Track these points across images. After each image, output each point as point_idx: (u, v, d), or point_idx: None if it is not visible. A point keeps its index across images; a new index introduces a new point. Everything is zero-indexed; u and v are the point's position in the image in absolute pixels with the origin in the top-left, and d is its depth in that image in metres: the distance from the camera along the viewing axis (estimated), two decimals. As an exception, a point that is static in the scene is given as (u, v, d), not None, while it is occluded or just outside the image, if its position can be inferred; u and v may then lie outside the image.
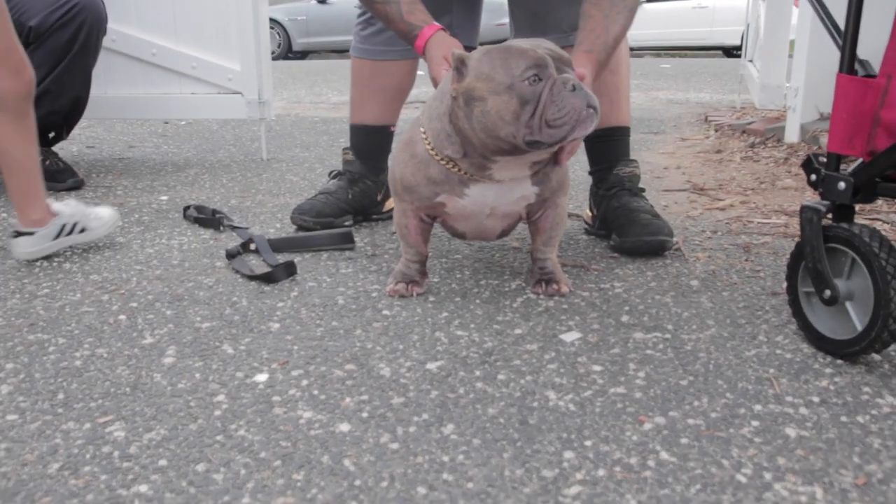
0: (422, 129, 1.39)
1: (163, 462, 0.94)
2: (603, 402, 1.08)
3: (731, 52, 12.55)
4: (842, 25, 1.19)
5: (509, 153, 1.30)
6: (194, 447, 0.97)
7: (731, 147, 3.25)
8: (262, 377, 1.16)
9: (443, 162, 1.36)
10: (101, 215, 1.84)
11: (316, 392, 1.12)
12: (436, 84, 1.49)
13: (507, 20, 1.91)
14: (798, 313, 1.26)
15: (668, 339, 1.29)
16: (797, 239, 1.24)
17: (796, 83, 2.97)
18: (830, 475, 0.90)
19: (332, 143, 3.57)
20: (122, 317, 1.41)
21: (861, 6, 1.13)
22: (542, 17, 1.88)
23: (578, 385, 1.13)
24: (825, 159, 1.21)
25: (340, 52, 12.81)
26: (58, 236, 1.76)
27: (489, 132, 1.27)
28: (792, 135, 3.01)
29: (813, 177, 1.22)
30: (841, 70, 1.15)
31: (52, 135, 2.60)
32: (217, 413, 1.06)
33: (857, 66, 1.18)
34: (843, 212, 1.18)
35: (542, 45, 1.29)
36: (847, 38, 1.15)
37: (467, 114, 1.29)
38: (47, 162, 2.55)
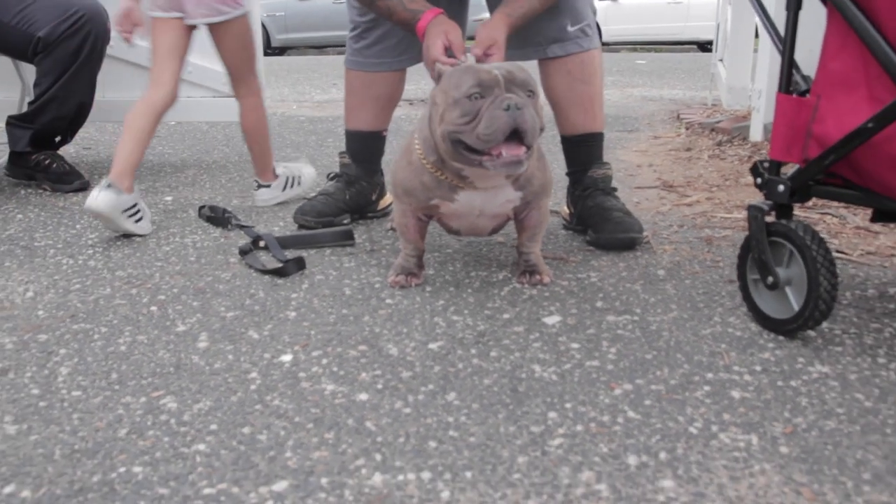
0: (416, 138, 1.59)
1: (214, 426, 1.14)
2: (580, 373, 1.29)
3: (705, 46, 12.84)
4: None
5: (450, 157, 1.48)
6: (238, 414, 1.17)
7: (700, 145, 3.48)
8: (287, 357, 1.36)
9: (432, 170, 1.56)
10: (306, 172, 2.57)
11: (335, 369, 1.32)
12: (428, 62, 1.71)
13: (486, 15, 2.10)
14: (747, 297, 1.48)
15: (637, 321, 1.50)
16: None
17: (760, 85, 3.20)
18: (765, 426, 1.12)
19: (320, 143, 3.76)
20: (154, 308, 1.60)
21: (794, 38, 1.35)
22: (519, 31, 2.06)
23: (559, 360, 1.34)
24: (769, 164, 1.42)
25: (319, 47, 12.94)
26: (284, 188, 2.48)
27: (440, 136, 1.47)
28: (756, 134, 3.24)
29: (758, 180, 1.44)
30: (780, 90, 1.37)
31: (58, 139, 2.76)
32: (252, 388, 1.26)
33: (800, 80, 1.40)
34: (783, 210, 1.40)
35: (505, 67, 1.47)
36: (784, 63, 1.36)
37: (430, 117, 1.51)
38: (54, 165, 2.72)
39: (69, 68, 2.59)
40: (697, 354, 1.35)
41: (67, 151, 3.42)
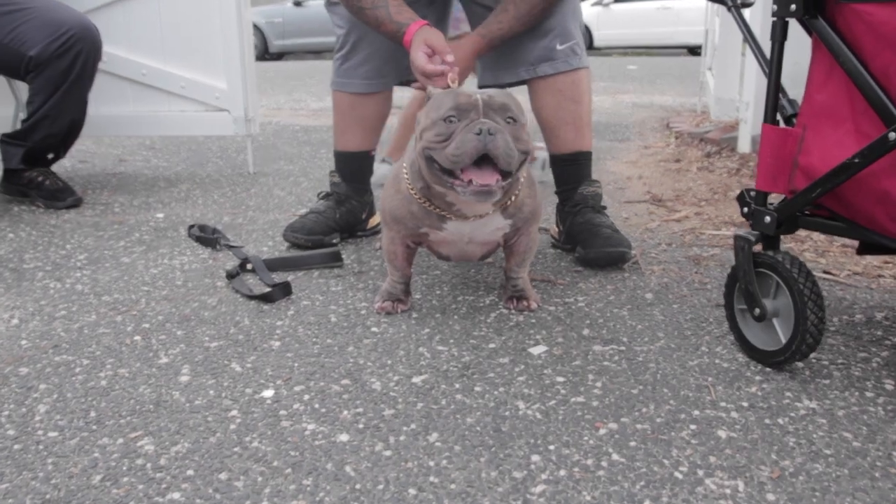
0: (404, 167, 1.54)
1: (190, 472, 1.09)
2: (565, 411, 1.24)
3: (695, 50, 12.79)
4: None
5: (430, 178, 1.44)
6: (216, 458, 1.12)
7: (689, 156, 3.44)
8: (268, 393, 1.31)
9: (419, 199, 1.50)
10: None
11: (317, 406, 1.27)
12: (417, 64, 1.70)
13: (467, 30, 2.08)
14: (734, 327, 1.43)
15: (623, 350, 1.46)
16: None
17: (747, 97, 3.15)
18: (751, 470, 1.07)
19: (314, 155, 3.71)
20: (137, 338, 1.55)
21: (780, 68, 1.30)
22: (507, 51, 2.01)
23: (544, 395, 1.29)
24: (755, 194, 1.37)
25: (316, 52, 12.88)
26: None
27: (420, 156, 1.43)
28: (744, 145, 3.20)
29: (745, 209, 1.39)
30: (765, 120, 1.32)
31: (50, 156, 2.71)
32: (232, 427, 1.21)
33: (786, 105, 1.35)
34: (770, 241, 1.35)
35: (487, 93, 1.42)
36: (769, 93, 1.31)
37: (416, 140, 1.47)
38: (47, 182, 2.67)
39: (60, 87, 2.53)
40: (684, 389, 1.30)
41: (63, 165, 3.37)
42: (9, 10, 2.50)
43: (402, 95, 2.51)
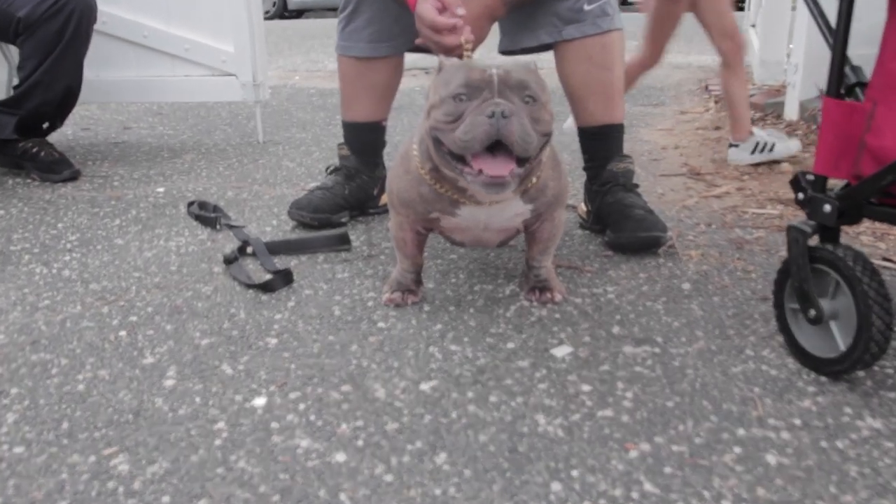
0: (415, 145, 1.41)
1: (166, 498, 0.99)
2: (591, 427, 1.12)
3: (738, 5, 12.36)
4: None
5: (445, 165, 1.31)
6: (196, 481, 1.02)
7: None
8: (260, 401, 1.21)
9: (431, 182, 1.38)
10: (783, 144, 2.55)
11: (313, 417, 1.16)
12: (425, 17, 1.55)
13: None
14: (784, 329, 1.29)
15: (658, 353, 1.33)
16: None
17: (796, 59, 2.96)
18: (807, 507, 0.95)
19: (328, 121, 3.58)
20: (123, 333, 1.45)
21: (847, 33, 1.14)
22: (529, 11, 1.85)
23: (567, 407, 1.17)
24: (812, 178, 1.23)
25: (336, 9, 12.65)
26: (753, 151, 2.54)
27: (427, 135, 1.31)
28: (791, 112, 3.01)
29: (800, 195, 1.24)
30: (828, 93, 1.17)
31: (45, 125, 2.61)
32: (217, 442, 1.10)
33: (849, 73, 1.19)
34: (829, 233, 1.21)
35: (504, 67, 1.28)
36: (834, 60, 1.16)
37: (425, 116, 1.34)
38: (42, 153, 2.57)
39: (53, 50, 2.43)
40: (727, 401, 1.18)
41: (64, 133, 3.28)
42: (-3, -31, 2.39)
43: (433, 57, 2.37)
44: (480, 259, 1.79)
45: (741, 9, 11.85)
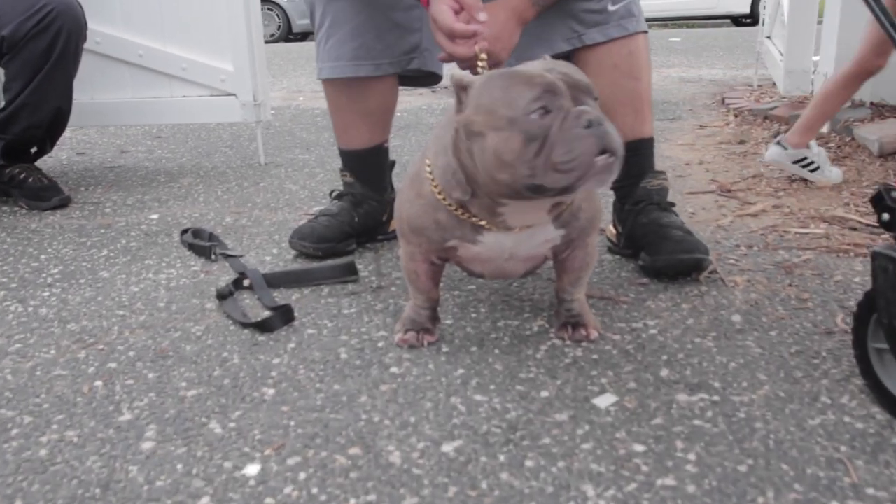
0: (428, 166, 1.21)
1: None
2: (650, 501, 0.91)
3: (740, 20, 12.25)
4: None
5: (516, 197, 1.11)
6: (171, 579, 0.82)
7: (754, 136, 3.06)
8: (253, 469, 1.01)
9: (451, 207, 1.18)
10: (830, 171, 2.30)
11: (315, 490, 0.96)
12: (442, 23, 1.35)
13: None
14: (867, 372, 1.09)
15: (717, 402, 1.12)
16: (840, 254, 1.07)
17: (825, 68, 2.77)
18: None
19: (333, 142, 3.36)
20: (99, 383, 1.25)
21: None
22: (543, 16, 1.65)
23: (619, 474, 0.96)
24: (900, 196, 1.03)
25: (341, 31, 12.53)
26: (796, 161, 2.30)
27: (489, 173, 1.08)
28: (821, 124, 2.81)
29: (885, 216, 1.04)
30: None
31: (34, 150, 2.43)
32: (200, 524, 0.90)
33: None
34: (925, 260, 1.00)
35: (557, 69, 1.09)
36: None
37: (469, 149, 1.10)
38: (30, 179, 2.40)
39: (40, 70, 2.25)
40: (810, 465, 0.97)
41: (58, 158, 3.11)
42: (-21, -15, 2.22)
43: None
44: (503, 290, 1.59)
45: (742, 24, 11.73)
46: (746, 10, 11.95)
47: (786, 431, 1.04)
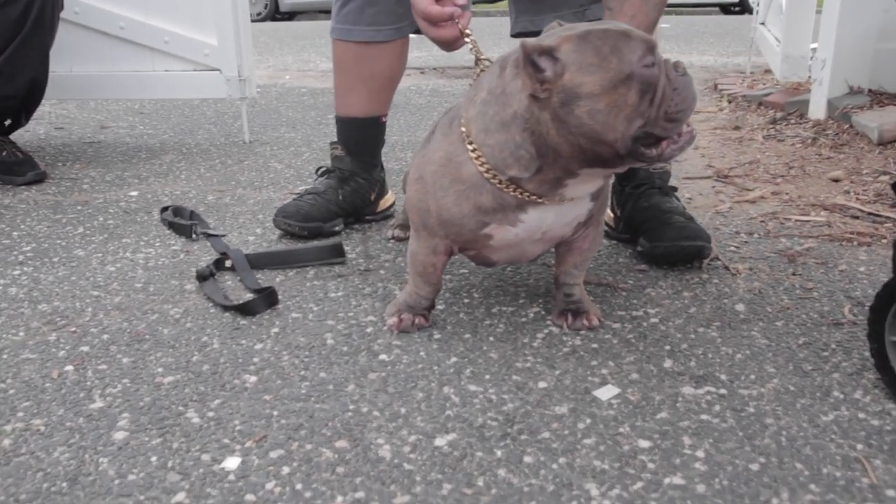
0: (470, 146, 1.12)
1: None
2: (658, 501, 0.85)
3: (729, 9, 12.19)
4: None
5: (603, 163, 1.06)
6: (141, 584, 0.75)
7: (750, 123, 3.01)
8: (232, 462, 0.94)
9: (501, 185, 1.10)
10: None
11: (299, 486, 0.89)
12: (418, 15, 1.27)
13: None
14: (884, 366, 1.03)
15: (724, 395, 1.06)
16: (844, 242, 1.01)
17: (823, 54, 2.71)
18: None
19: (320, 120, 3.31)
20: (69, 367, 1.17)
21: None
22: None
23: (624, 472, 0.90)
24: (924, 181, 0.97)
25: (329, 12, 12.40)
26: None
27: (596, 136, 1.01)
28: (817, 111, 2.76)
29: (908, 203, 0.98)
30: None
31: (8, 122, 2.33)
32: (174, 522, 0.83)
33: None
34: (950, 249, 0.95)
35: (620, 27, 1.04)
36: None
37: (564, 116, 1.02)
38: (3, 153, 2.30)
39: (13, 39, 2.15)
40: (826, 464, 0.91)
41: (35, 132, 3.01)
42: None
43: (426, 54, 2.10)
44: (497, 275, 1.52)
45: (731, 12, 11.67)
46: (736, -2, 11.90)
47: (798, 428, 0.99)
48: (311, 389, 1.10)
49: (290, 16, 12.47)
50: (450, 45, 1.33)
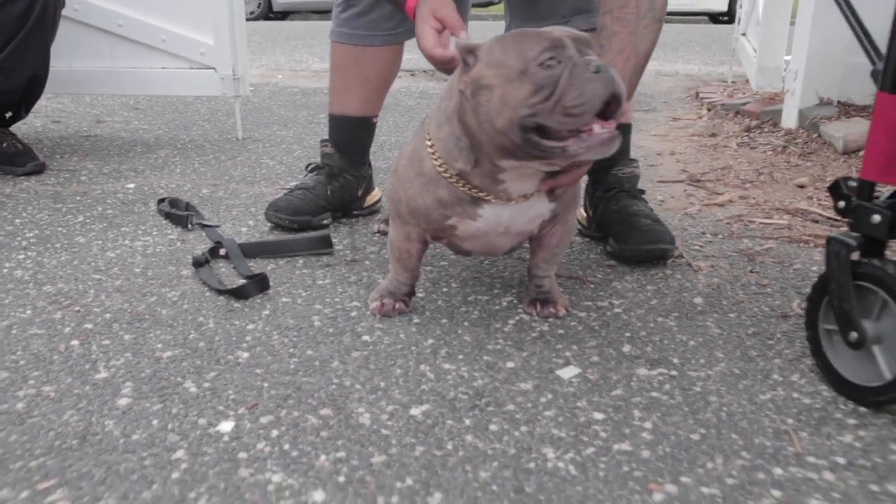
0: (428, 141, 1.24)
1: (109, 546, 0.82)
2: (607, 464, 0.96)
3: (717, 18, 12.37)
4: (875, 27, 1.06)
5: (511, 153, 1.14)
6: (146, 525, 0.85)
7: (725, 130, 3.13)
8: (227, 426, 1.04)
9: (452, 180, 1.21)
10: None
11: (287, 447, 0.99)
12: (423, 46, 1.35)
13: None
14: (818, 352, 1.15)
15: (675, 376, 1.18)
16: (801, 243, 1.12)
17: (796, 66, 2.84)
18: (867, 568, 0.80)
19: (311, 119, 3.41)
20: (75, 342, 1.27)
21: (906, 19, 1.00)
22: (537, 0, 1.73)
23: (579, 439, 1.01)
24: (855, 185, 1.08)
25: (323, 12, 12.48)
26: None
27: (492, 122, 1.11)
28: (789, 120, 2.89)
29: (841, 204, 1.10)
30: (882, 88, 1.02)
31: (9, 115, 2.42)
32: (175, 475, 0.93)
33: (874, 59, 1.05)
34: (875, 246, 1.06)
35: (561, 29, 1.14)
36: (891, 53, 1.01)
37: (474, 107, 1.13)
38: (4, 144, 2.39)
39: (16, 35, 2.24)
40: (758, 435, 1.02)
41: (32, 124, 3.09)
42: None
43: (418, 56, 2.22)
44: (474, 266, 1.63)
45: (719, 21, 11.82)
46: (724, 7, 12.07)
47: (738, 405, 1.10)
48: (298, 365, 1.20)
49: (283, 15, 12.55)
50: (448, 71, 1.42)
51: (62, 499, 0.89)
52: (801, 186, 2.29)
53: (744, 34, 4.31)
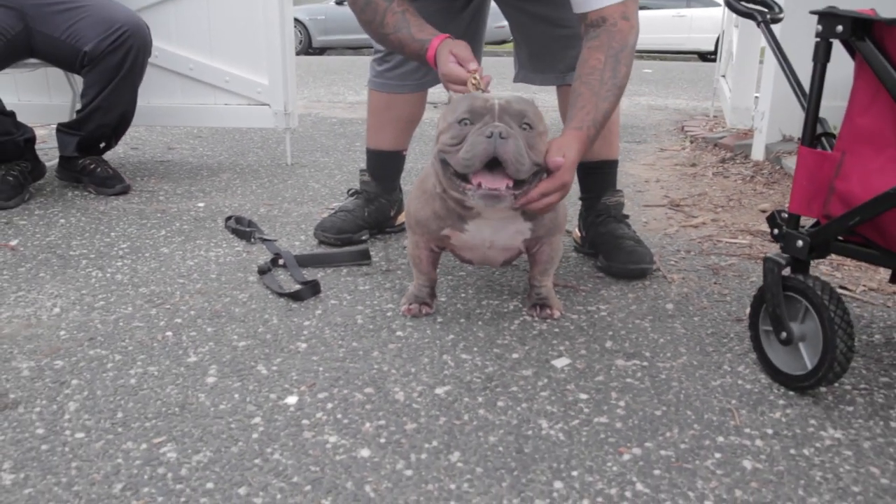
0: (431, 165, 1.41)
1: (210, 484, 0.98)
2: (588, 432, 1.11)
3: (706, 56, 12.48)
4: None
5: (451, 186, 1.30)
6: (236, 470, 1.02)
7: (704, 161, 3.27)
8: (292, 399, 1.20)
9: (444, 196, 1.38)
10: None
11: (339, 416, 1.15)
12: (446, 81, 1.49)
13: (505, 23, 1.96)
14: (758, 348, 1.29)
15: (646, 366, 1.33)
16: (759, 260, 1.27)
17: (763, 107, 2.98)
18: (780, 510, 0.95)
19: (349, 147, 3.58)
20: (169, 333, 1.44)
21: (821, 91, 1.15)
22: (541, 57, 1.89)
23: (567, 414, 1.17)
24: (786, 216, 1.23)
25: (356, 48, 12.72)
26: None
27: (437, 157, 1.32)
28: (758, 153, 3.02)
29: (776, 231, 1.25)
30: (803, 143, 1.17)
31: (102, 145, 2.61)
32: (255, 436, 1.10)
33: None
34: (800, 265, 1.21)
35: (505, 97, 1.29)
36: (808, 116, 1.17)
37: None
38: (98, 169, 2.57)
39: (112, 80, 2.43)
40: (708, 412, 1.18)
41: (115, 151, 3.28)
42: (66, 8, 2.40)
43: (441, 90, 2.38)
44: (487, 276, 1.79)
45: (708, 59, 11.88)
46: (711, 47, 12.18)
47: (693, 389, 1.25)
48: (346, 354, 1.37)
49: (321, 51, 12.80)
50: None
51: (172, 450, 1.06)
52: (763, 211, 2.43)
53: (723, 76, 4.44)
